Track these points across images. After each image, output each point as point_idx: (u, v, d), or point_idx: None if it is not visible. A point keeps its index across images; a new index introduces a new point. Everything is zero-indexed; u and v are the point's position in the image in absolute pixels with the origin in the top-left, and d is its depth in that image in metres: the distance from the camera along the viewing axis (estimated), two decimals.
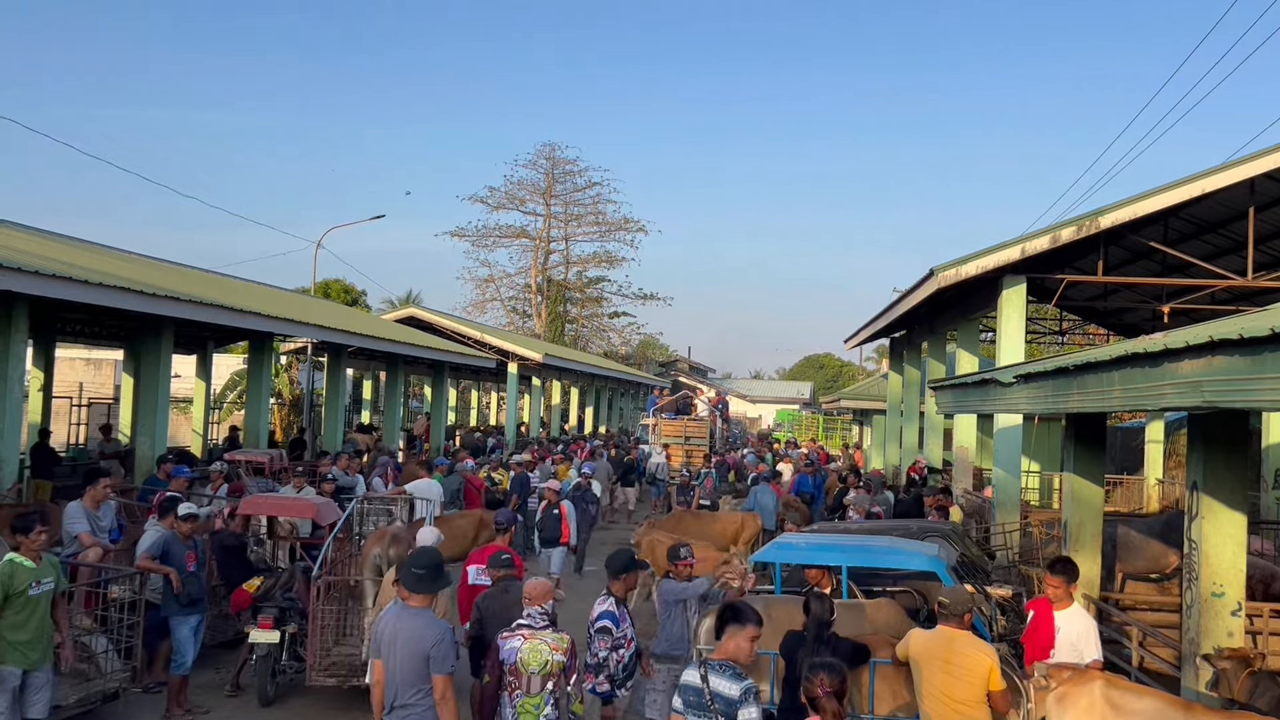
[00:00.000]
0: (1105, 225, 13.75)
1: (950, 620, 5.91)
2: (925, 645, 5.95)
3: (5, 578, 6.79)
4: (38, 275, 11.61)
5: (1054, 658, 6.82)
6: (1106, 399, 6.62)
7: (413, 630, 5.37)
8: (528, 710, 5.77)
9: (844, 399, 41.65)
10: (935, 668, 5.79)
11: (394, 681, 5.38)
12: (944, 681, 5.73)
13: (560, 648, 5.87)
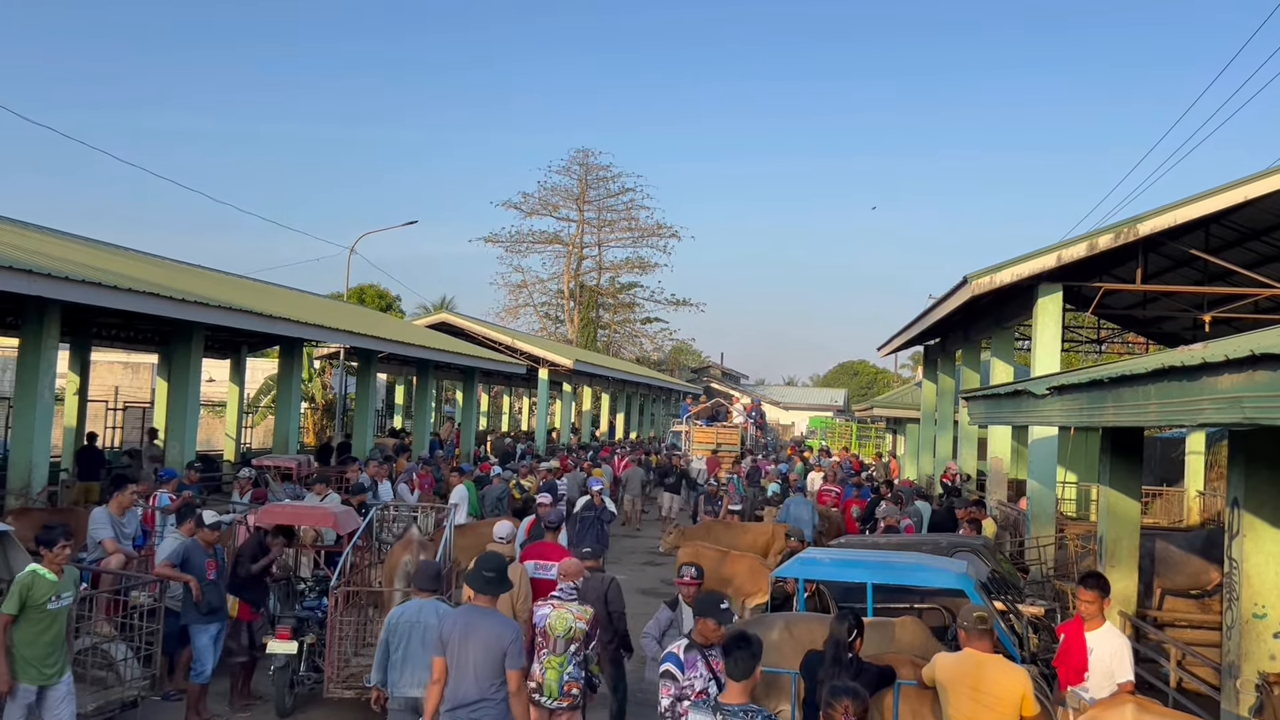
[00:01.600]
0: (1144, 232, 13.43)
1: (976, 638, 5.62)
2: (952, 669, 5.67)
3: (24, 588, 6.72)
4: (68, 281, 11.68)
5: (1088, 680, 6.56)
6: (1142, 413, 6.39)
7: (488, 630, 5.66)
8: (553, 667, 6.71)
9: (877, 407, 41.23)
10: (963, 694, 5.52)
11: (466, 678, 5.59)
12: (972, 709, 5.46)
13: (584, 618, 6.84)
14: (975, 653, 5.62)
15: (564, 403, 38.10)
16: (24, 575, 6.81)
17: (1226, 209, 13.26)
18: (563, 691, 6.73)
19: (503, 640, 5.64)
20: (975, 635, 5.64)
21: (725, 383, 69.44)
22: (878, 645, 6.84)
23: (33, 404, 12.61)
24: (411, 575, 9.25)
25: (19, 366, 13.02)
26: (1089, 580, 6.88)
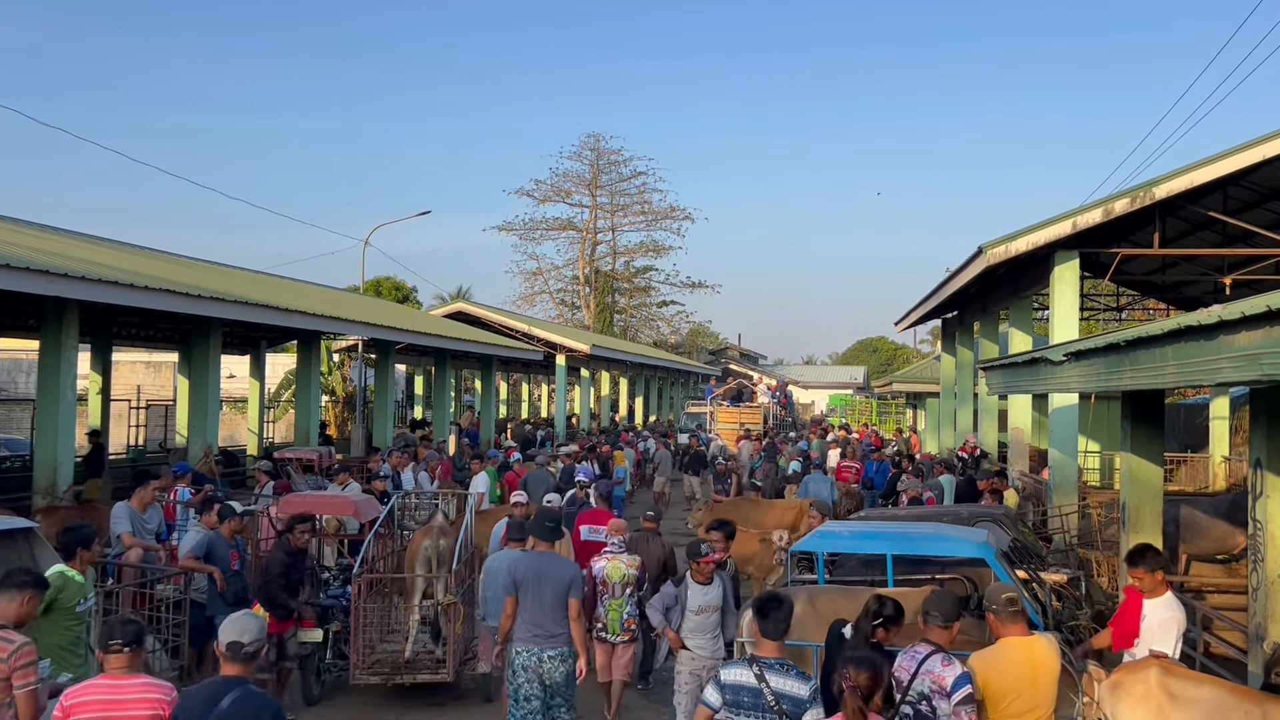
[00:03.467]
0: (1160, 196, 13.26)
1: (1010, 621, 5.25)
2: (1004, 666, 5.17)
3: (55, 590, 6.73)
4: (84, 280, 11.77)
5: (1138, 647, 6.46)
6: (1160, 375, 6.32)
7: (555, 570, 6.90)
8: (614, 608, 8.08)
9: (896, 382, 41.06)
10: (1025, 687, 5.10)
11: (539, 610, 6.77)
12: (1032, 702, 5.10)
13: (634, 565, 8.14)
14: (1016, 640, 5.24)
15: (582, 388, 38.14)
16: (52, 575, 6.79)
17: (1245, 169, 13.07)
18: (623, 627, 8.07)
19: (565, 578, 6.88)
20: (1008, 618, 5.27)
21: (744, 363, 69.30)
22: None
23: (55, 403, 12.74)
24: (432, 560, 9.33)
25: (40, 367, 13.15)
26: (1134, 558, 6.67)
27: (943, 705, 4.98)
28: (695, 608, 6.82)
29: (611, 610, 8.07)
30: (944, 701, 4.98)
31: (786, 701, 4.62)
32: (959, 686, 4.95)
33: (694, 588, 6.83)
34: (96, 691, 4.60)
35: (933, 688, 5.03)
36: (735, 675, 4.84)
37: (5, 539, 8.19)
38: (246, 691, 4.40)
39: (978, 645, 5.56)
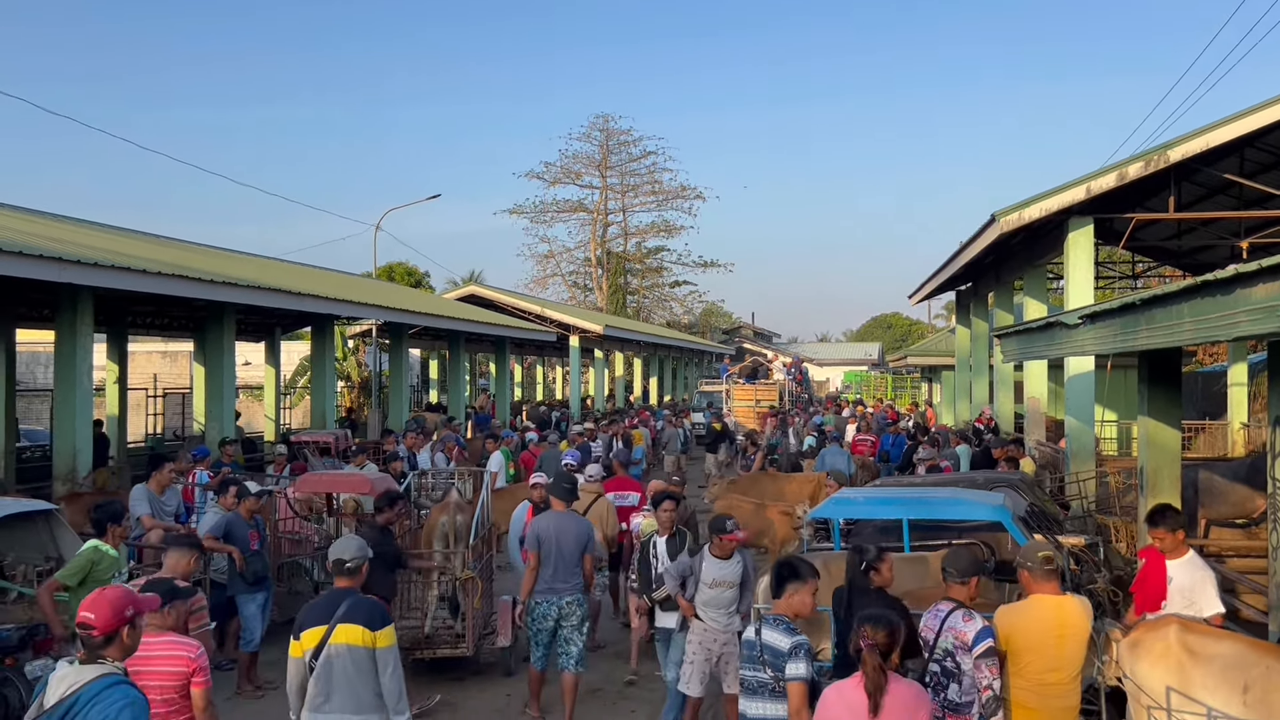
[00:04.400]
0: (1175, 159, 13.10)
1: (1053, 580, 5.24)
2: (1030, 621, 5.20)
3: (90, 563, 6.83)
4: (97, 267, 11.84)
5: (1165, 609, 6.38)
6: (1177, 332, 6.27)
7: (573, 528, 7.76)
8: None
9: (911, 356, 40.91)
10: (1048, 644, 5.12)
11: (558, 564, 7.61)
12: (1057, 659, 5.12)
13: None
14: (1046, 598, 5.24)
15: (596, 369, 38.16)
16: (88, 550, 6.91)
17: (1262, 129, 12.88)
18: None
19: (583, 535, 7.79)
20: (1042, 576, 5.26)
21: (758, 342, 69.21)
22: (918, 580, 6.82)
23: (72, 391, 12.82)
24: (449, 536, 9.38)
25: (57, 356, 13.24)
26: (1154, 517, 6.62)
27: (965, 660, 5.04)
28: (710, 580, 6.77)
29: None
30: (966, 656, 5.04)
31: (768, 653, 4.73)
32: (980, 640, 5.02)
33: (710, 560, 6.77)
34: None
35: (955, 643, 5.09)
36: (748, 633, 5.02)
37: (27, 520, 8.30)
38: (357, 598, 5.34)
39: (993, 607, 5.55)
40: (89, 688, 3.76)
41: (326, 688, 5.19)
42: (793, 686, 4.54)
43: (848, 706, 4.22)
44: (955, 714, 5.13)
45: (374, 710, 5.22)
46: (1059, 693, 5.15)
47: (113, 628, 3.94)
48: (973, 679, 5.03)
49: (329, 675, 5.18)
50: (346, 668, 5.18)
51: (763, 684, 4.73)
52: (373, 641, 5.19)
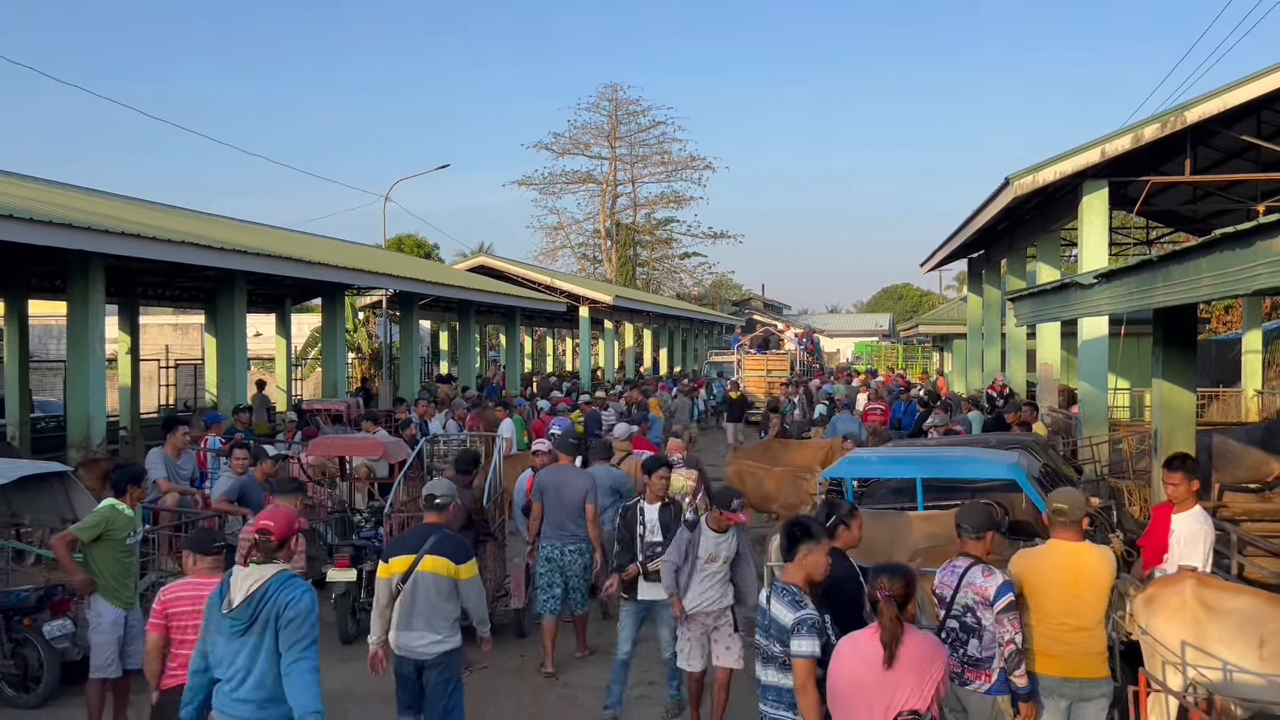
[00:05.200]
0: (1192, 120, 12.95)
1: (1070, 529, 5.26)
2: (1045, 564, 5.23)
3: (105, 520, 6.87)
4: (108, 234, 11.84)
5: (1168, 563, 6.41)
6: (1194, 288, 6.20)
7: (575, 480, 8.43)
8: None
9: (923, 325, 40.76)
10: (1056, 590, 5.14)
11: (559, 514, 8.28)
12: (1068, 603, 5.13)
13: (692, 478, 8.65)
14: (1062, 543, 5.26)
15: (606, 341, 38.11)
16: (104, 508, 6.94)
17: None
18: None
19: (584, 487, 8.40)
20: (1058, 526, 5.31)
21: (768, 314, 69.06)
22: (932, 538, 6.81)
23: (85, 360, 12.86)
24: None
25: (69, 325, 13.27)
26: (1173, 462, 6.59)
27: (986, 615, 5.03)
28: (706, 555, 6.61)
29: None
30: (987, 611, 5.03)
31: (775, 627, 4.63)
32: (1001, 595, 5.02)
33: (708, 534, 6.64)
34: (189, 589, 5.24)
35: (976, 599, 5.08)
36: (760, 598, 4.92)
37: (42, 483, 8.34)
38: (444, 534, 6.01)
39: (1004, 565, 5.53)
40: (273, 581, 4.62)
41: (410, 609, 5.83)
42: (797, 664, 4.46)
43: (862, 658, 4.21)
44: (975, 669, 5.11)
45: (447, 631, 5.91)
46: (1080, 639, 5.13)
47: (285, 536, 4.83)
48: (994, 634, 5.02)
49: (414, 598, 5.83)
50: (430, 594, 5.84)
51: (772, 655, 4.68)
52: (456, 573, 5.88)
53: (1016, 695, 5.04)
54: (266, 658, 4.56)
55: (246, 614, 4.55)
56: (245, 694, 4.57)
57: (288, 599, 4.56)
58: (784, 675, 4.63)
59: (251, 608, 4.55)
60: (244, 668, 4.57)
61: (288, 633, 4.53)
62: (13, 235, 10.48)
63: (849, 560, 5.33)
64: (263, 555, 4.72)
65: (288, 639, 4.53)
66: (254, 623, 4.55)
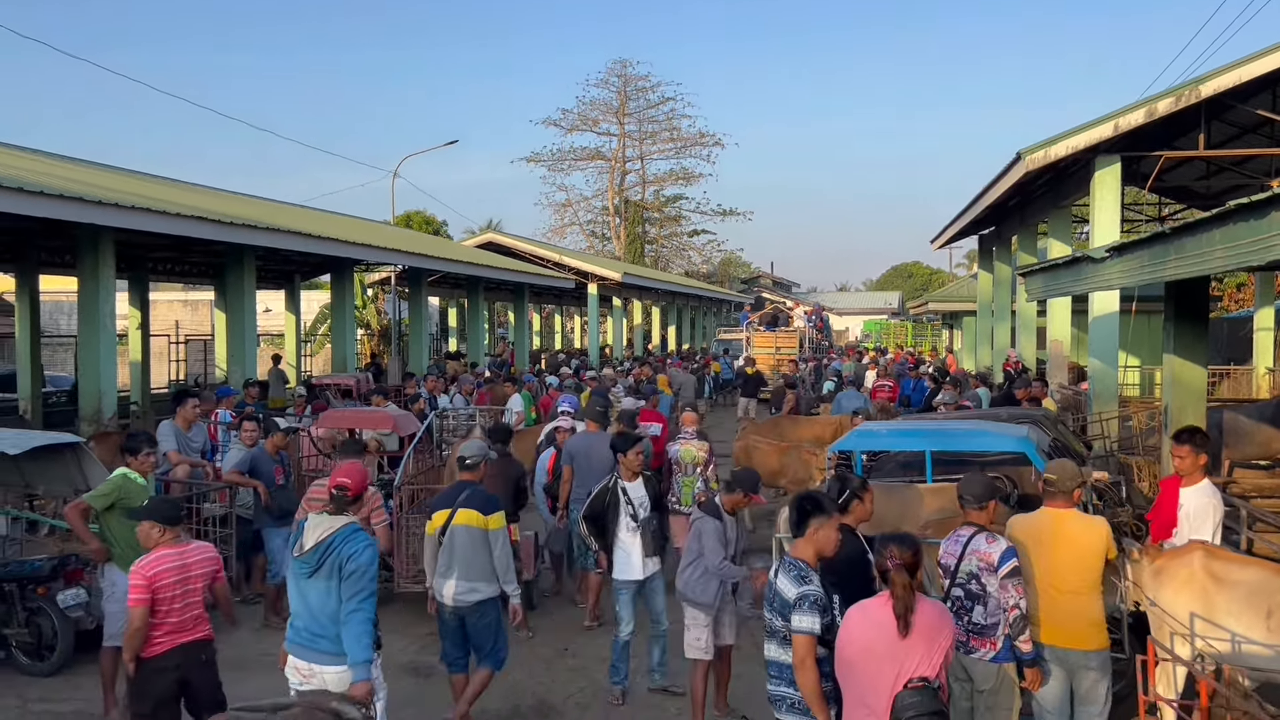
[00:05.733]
0: (1206, 94, 12.82)
1: (1058, 498, 5.43)
2: (1029, 530, 5.46)
3: (116, 488, 6.92)
4: (118, 208, 11.84)
5: (1176, 537, 6.42)
6: (1207, 260, 6.16)
7: (602, 447, 8.66)
8: (687, 485, 9.38)
9: (933, 302, 40.62)
10: (1042, 554, 5.33)
11: (588, 477, 8.61)
12: (1052, 567, 5.29)
13: (704, 449, 9.40)
14: (1053, 509, 5.44)
15: (614, 318, 38.09)
16: (116, 476, 7.01)
17: None
18: (694, 500, 8.94)
19: (611, 453, 8.28)
20: (1047, 495, 5.51)
21: (777, 291, 68.83)
22: (942, 511, 6.81)
23: (96, 334, 12.90)
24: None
25: (80, 299, 13.31)
26: (1181, 435, 6.61)
27: (990, 581, 5.08)
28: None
29: (685, 486, 9.41)
30: (992, 577, 5.08)
31: (778, 601, 4.64)
32: (1005, 560, 5.09)
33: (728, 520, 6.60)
34: (168, 560, 5.35)
35: (980, 565, 5.13)
36: (771, 573, 4.89)
37: (55, 454, 8.40)
38: (474, 489, 6.49)
39: None
40: (340, 532, 5.09)
41: (449, 558, 6.36)
42: (796, 639, 4.47)
43: (873, 625, 4.21)
44: (980, 637, 5.15)
45: (486, 579, 6.33)
46: (1070, 604, 5.27)
47: (359, 492, 5.39)
48: (998, 600, 5.08)
49: (451, 548, 6.34)
50: (465, 543, 6.32)
51: (775, 630, 4.69)
52: (485, 524, 6.33)
53: (1022, 661, 5.11)
54: (327, 599, 5.04)
55: (314, 558, 5.06)
56: (304, 627, 5.15)
57: (351, 551, 5.02)
58: (784, 650, 4.64)
59: (319, 554, 5.04)
60: (307, 605, 5.12)
61: (348, 584, 4.99)
62: (23, 208, 10.50)
63: (858, 539, 5.35)
64: (336, 508, 5.20)
65: (348, 589, 4.99)
66: (320, 567, 5.05)
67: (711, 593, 6.38)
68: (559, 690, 7.45)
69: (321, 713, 4.14)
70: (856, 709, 4.21)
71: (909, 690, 4.03)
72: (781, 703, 4.73)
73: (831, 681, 4.50)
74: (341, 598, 4.99)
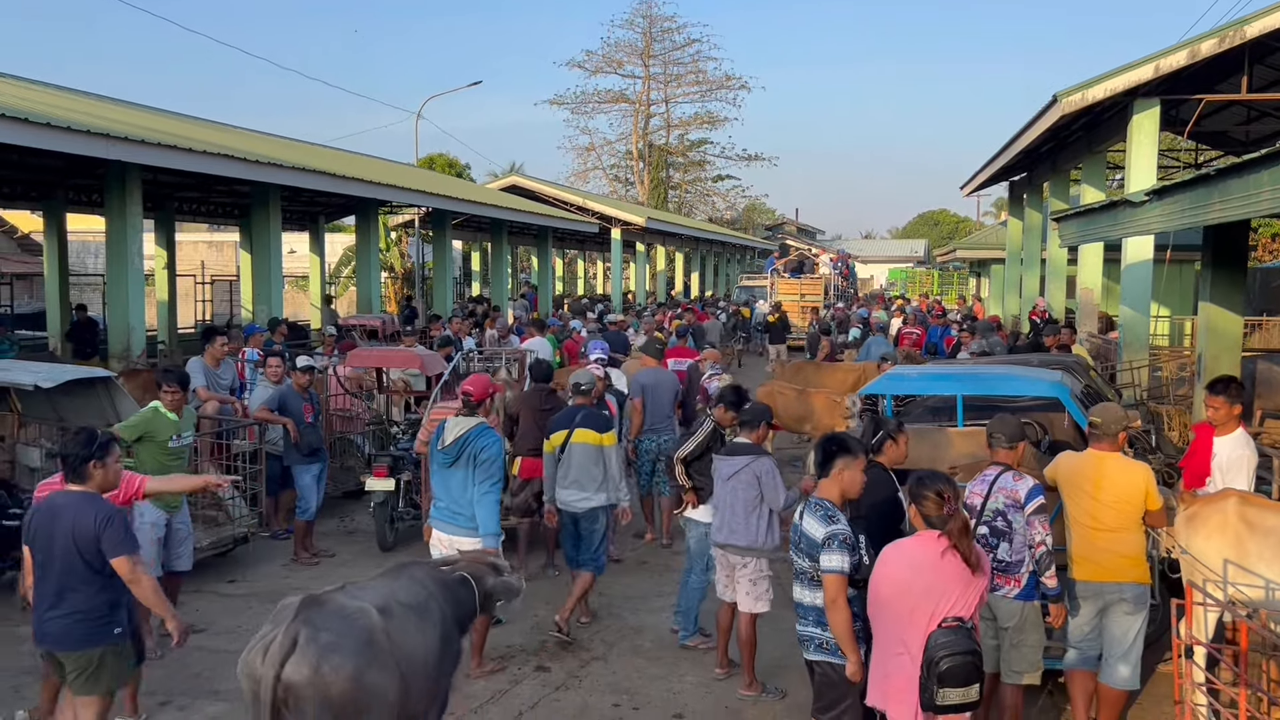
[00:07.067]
0: (1252, 35, 12.44)
1: (1103, 441, 5.42)
2: (1073, 469, 5.48)
3: (146, 421, 7.00)
4: (144, 144, 11.82)
5: (1209, 486, 6.37)
6: (1253, 202, 6.01)
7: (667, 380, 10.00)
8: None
9: (961, 250, 40.16)
10: (1084, 493, 5.36)
11: (655, 409, 9.64)
12: (1093, 508, 5.31)
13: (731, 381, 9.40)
14: (1098, 451, 5.44)
15: (638, 264, 37.87)
16: (146, 410, 7.11)
17: None
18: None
19: (674, 385, 9.98)
20: (1093, 437, 5.52)
21: (801, 239, 68.29)
22: (972, 455, 6.76)
23: (124, 271, 12.96)
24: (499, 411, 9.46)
25: (108, 237, 13.35)
26: (1216, 385, 6.54)
27: (1017, 518, 5.10)
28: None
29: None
30: (1018, 514, 5.11)
31: (805, 541, 4.63)
32: (1032, 497, 5.12)
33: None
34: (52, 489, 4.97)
35: (1007, 502, 5.16)
36: (796, 516, 4.87)
37: (87, 388, 8.48)
38: (590, 411, 7.42)
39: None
40: (473, 430, 6.22)
41: (568, 471, 7.21)
42: (827, 579, 4.47)
43: (910, 563, 4.20)
44: (1004, 575, 5.18)
45: (598, 489, 7.20)
46: (1106, 541, 5.30)
47: (481, 398, 6.53)
48: (1024, 537, 5.11)
49: (570, 463, 7.20)
50: (581, 459, 7.18)
51: (802, 571, 4.70)
52: (601, 441, 7.21)
53: (1047, 596, 5.15)
54: (464, 485, 6.16)
55: (454, 451, 6.16)
56: (445, 507, 6.30)
57: (482, 444, 6.14)
58: (814, 591, 4.64)
59: (458, 447, 6.16)
60: (449, 490, 6.26)
61: (480, 471, 6.09)
62: (51, 144, 10.50)
63: (893, 481, 5.33)
64: (467, 411, 6.41)
65: (479, 475, 6.09)
66: (459, 458, 6.15)
67: (777, 536, 6.28)
68: (586, 627, 7.52)
69: (482, 565, 5.02)
70: (891, 647, 4.21)
71: (943, 630, 4.03)
72: (810, 643, 4.75)
73: (860, 621, 4.52)
74: (475, 482, 6.07)
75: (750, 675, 6.28)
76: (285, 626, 3.84)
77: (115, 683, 4.82)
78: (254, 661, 3.85)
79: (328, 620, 3.93)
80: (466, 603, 4.73)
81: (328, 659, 3.82)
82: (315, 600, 3.99)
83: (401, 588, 4.38)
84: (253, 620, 7.67)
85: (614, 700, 6.29)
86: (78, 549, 4.53)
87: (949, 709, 4.06)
